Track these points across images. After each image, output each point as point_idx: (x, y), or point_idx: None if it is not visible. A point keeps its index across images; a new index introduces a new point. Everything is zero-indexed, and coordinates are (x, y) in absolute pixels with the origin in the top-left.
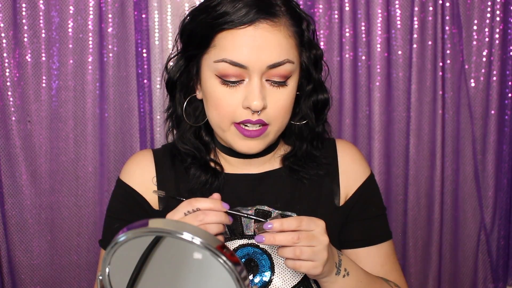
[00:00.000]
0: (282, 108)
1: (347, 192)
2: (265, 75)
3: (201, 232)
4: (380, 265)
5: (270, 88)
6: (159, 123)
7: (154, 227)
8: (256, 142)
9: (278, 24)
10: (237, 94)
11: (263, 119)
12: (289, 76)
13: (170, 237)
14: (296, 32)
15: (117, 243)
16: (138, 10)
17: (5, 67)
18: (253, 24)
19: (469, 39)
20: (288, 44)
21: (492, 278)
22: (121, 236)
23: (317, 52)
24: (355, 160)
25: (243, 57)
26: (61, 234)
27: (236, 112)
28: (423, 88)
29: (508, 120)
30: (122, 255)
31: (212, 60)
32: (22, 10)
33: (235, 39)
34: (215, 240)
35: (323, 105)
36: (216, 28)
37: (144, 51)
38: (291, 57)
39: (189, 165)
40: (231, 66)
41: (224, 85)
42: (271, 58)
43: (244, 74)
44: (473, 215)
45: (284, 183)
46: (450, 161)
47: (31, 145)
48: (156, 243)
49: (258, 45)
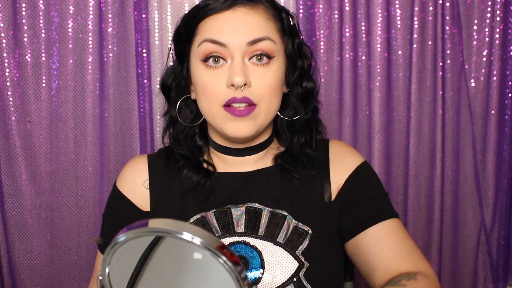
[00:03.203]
0: (268, 86)
1: (339, 184)
2: (247, 55)
3: (201, 232)
4: (389, 247)
5: (254, 67)
6: (159, 123)
7: (154, 227)
8: (245, 123)
9: (256, 8)
10: (221, 75)
11: (249, 97)
12: (271, 55)
13: (170, 237)
14: (275, 16)
15: (117, 243)
16: (138, 10)
17: (5, 67)
18: (231, 8)
19: (469, 39)
20: (267, 25)
21: (492, 278)
22: (121, 236)
23: (300, 41)
24: (344, 152)
25: (223, 36)
26: (61, 234)
27: (222, 93)
28: (423, 88)
29: (508, 120)
30: (122, 255)
31: (196, 46)
32: (22, 10)
33: (215, 21)
34: (215, 240)
35: (309, 93)
36: (197, 18)
37: (144, 51)
38: (272, 36)
39: (182, 166)
40: (212, 45)
41: (207, 69)
42: (250, 35)
43: (226, 55)
44: (473, 215)
45: (275, 180)
46: (450, 161)
47: (31, 145)
48: (156, 243)
49: (237, 25)
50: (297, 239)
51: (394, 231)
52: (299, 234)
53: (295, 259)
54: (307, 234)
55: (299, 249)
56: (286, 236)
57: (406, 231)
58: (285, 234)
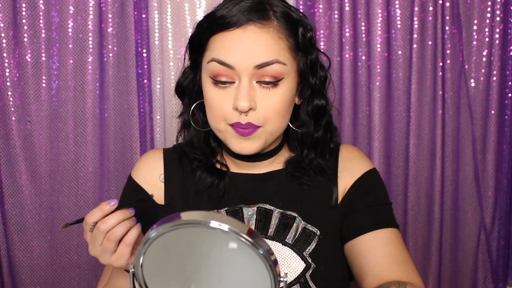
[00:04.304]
0: (274, 110)
1: (345, 188)
2: (254, 77)
3: (232, 221)
4: (382, 255)
5: (261, 89)
6: (159, 123)
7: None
8: (248, 142)
9: (268, 26)
10: (228, 96)
11: (252, 121)
12: (280, 77)
13: (201, 227)
14: (289, 35)
15: (149, 239)
16: (138, 10)
17: (5, 67)
18: (241, 26)
19: (469, 39)
20: (277, 45)
21: (492, 278)
22: (154, 230)
23: (313, 57)
24: (353, 158)
25: (230, 57)
26: (61, 234)
27: (227, 113)
28: (423, 88)
29: (508, 120)
30: (156, 248)
31: (205, 62)
32: (22, 10)
33: (224, 40)
34: (245, 227)
35: (320, 111)
36: (209, 31)
37: (144, 51)
38: (281, 58)
39: (195, 168)
40: (219, 66)
41: (215, 86)
42: (258, 58)
43: (234, 76)
44: (473, 215)
45: (286, 183)
46: (450, 161)
47: (31, 145)
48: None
49: (245, 46)
50: (305, 240)
51: (390, 240)
52: (308, 235)
53: (302, 260)
54: (315, 235)
55: (306, 250)
56: (294, 236)
57: (403, 243)
58: (293, 234)
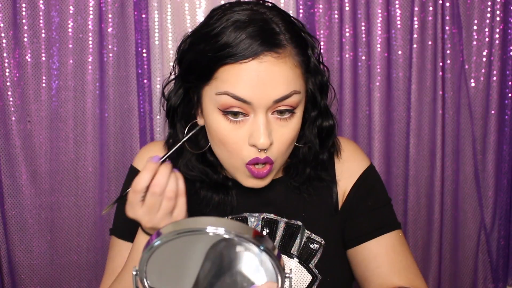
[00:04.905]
0: (287, 141)
1: (345, 191)
2: (270, 110)
3: (237, 226)
4: (386, 264)
5: (275, 121)
6: (159, 123)
7: (194, 227)
8: (262, 180)
9: (283, 55)
10: (242, 130)
11: (270, 157)
12: (296, 107)
13: (207, 234)
14: (302, 60)
15: (153, 247)
16: (138, 10)
17: (5, 67)
18: (257, 58)
19: (469, 39)
20: (294, 74)
21: (492, 278)
22: (157, 240)
23: (323, 78)
24: (348, 156)
25: (247, 92)
26: (61, 234)
27: (243, 149)
28: (423, 88)
29: (508, 120)
30: (161, 254)
31: (214, 92)
32: (22, 10)
33: (238, 73)
34: (251, 230)
35: (327, 132)
36: (218, 62)
37: (144, 51)
38: (298, 87)
39: (198, 190)
40: (233, 100)
41: (226, 120)
42: (277, 93)
43: (249, 110)
44: (473, 215)
45: (287, 191)
46: (450, 161)
47: (31, 145)
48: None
49: (263, 80)
50: (310, 251)
51: (393, 246)
52: (312, 245)
53: (309, 273)
54: (320, 244)
55: (312, 262)
56: (299, 248)
57: (406, 244)
58: (298, 245)
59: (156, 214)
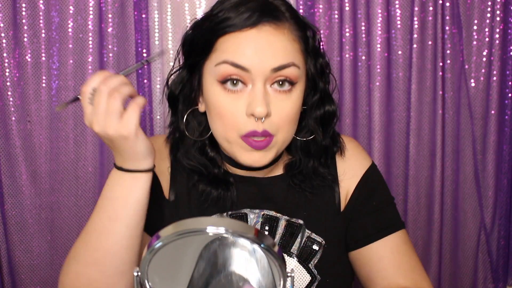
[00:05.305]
0: (287, 116)
1: (347, 191)
2: (269, 80)
3: (238, 225)
4: (391, 265)
5: (275, 94)
6: (159, 123)
7: (195, 228)
8: (260, 154)
9: (282, 27)
10: (240, 101)
11: (268, 129)
12: (295, 81)
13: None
14: (301, 37)
15: (154, 249)
16: (138, 10)
17: (5, 67)
18: (256, 27)
19: (469, 39)
20: (293, 48)
21: (492, 278)
22: (158, 242)
23: (323, 61)
24: (350, 156)
25: (246, 59)
26: (61, 234)
27: (240, 121)
28: (423, 88)
29: (508, 120)
30: (165, 255)
31: (213, 64)
32: (22, 10)
33: (237, 41)
34: (252, 229)
35: (330, 117)
36: (217, 32)
37: (144, 51)
38: (297, 61)
39: (196, 182)
40: (232, 68)
41: (225, 91)
42: (275, 61)
43: (247, 79)
44: (473, 215)
45: (289, 189)
46: (450, 161)
47: (31, 145)
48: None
49: (262, 48)
50: (310, 251)
51: (397, 247)
52: (313, 245)
53: (308, 273)
54: (320, 245)
55: (312, 262)
56: (299, 247)
57: (410, 243)
58: (298, 245)
59: (100, 114)
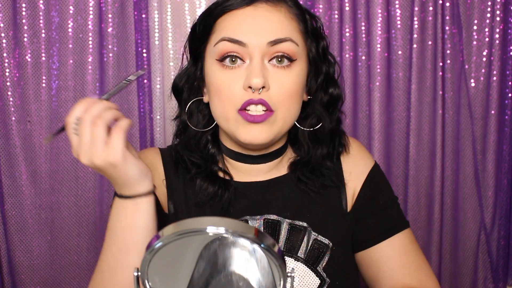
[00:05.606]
0: (287, 91)
1: (354, 192)
2: (267, 56)
3: (238, 225)
4: (398, 265)
5: (273, 69)
6: (159, 123)
7: (194, 228)
8: (260, 128)
9: (279, 6)
10: (238, 76)
11: (266, 100)
12: (293, 58)
13: (209, 235)
14: (299, 16)
15: (154, 249)
16: (138, 10)
17: (5, 67)
18: (252, 5)
19: (469, 39)
20: (290, 25)
21: (492, 278)
22: (158, 242)
23: (325, 44)
24: (354, 155)
25: (242, 34)
26: (61, 234)
27: (237, 95)
28: (423, 88)
29: (508, 120)
30: (165, 255)
31: (212, 45)
32: (22, 10)
33: (234, 18)
34: (252, 228)
35: (335, 100)
36: (216, 14)
37: (144, 51)
38: (294, 38)
39: (194, 176)
40: (230, 44)
41: (223, 69)
42: (272, 35)
43: (245, 55)
44: (473, 215)
45: (292, 190)
46: (450, 161)
47: (31, 145)
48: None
49: (258, 23)
50: (318, 254)
51: (404, 246)
52: (320, 247)
53: (317, 276)
54: (327, 247)
55: (320, 265)
56: (306, 250)
57: (416, 242)
58: (305, 248)
59: (85, 143)
